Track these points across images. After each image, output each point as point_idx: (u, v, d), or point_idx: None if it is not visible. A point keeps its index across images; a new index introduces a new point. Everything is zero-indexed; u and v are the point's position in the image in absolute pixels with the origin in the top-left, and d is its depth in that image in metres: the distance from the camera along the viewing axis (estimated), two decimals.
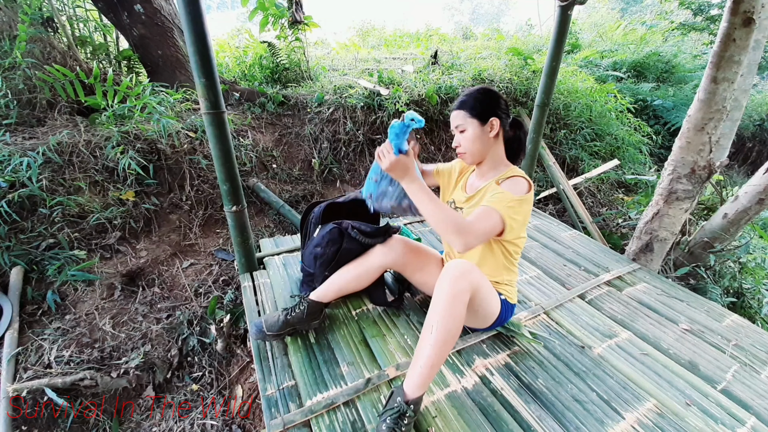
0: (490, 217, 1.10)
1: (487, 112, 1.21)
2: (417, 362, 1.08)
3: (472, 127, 1.22)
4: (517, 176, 1.22)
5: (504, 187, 1.19)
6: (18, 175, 1.90)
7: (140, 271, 2.07)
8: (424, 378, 1.07)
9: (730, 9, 1.77)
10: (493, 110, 1.22)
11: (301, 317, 1.39)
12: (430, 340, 1.05)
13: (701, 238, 2.42)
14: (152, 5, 2.82)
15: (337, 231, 1.47)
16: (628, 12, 10.47)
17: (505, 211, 1.10)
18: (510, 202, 1.12)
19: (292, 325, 1.39)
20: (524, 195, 1.15)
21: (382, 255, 1.44)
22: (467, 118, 1.22)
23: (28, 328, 1.70)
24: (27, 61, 2.25)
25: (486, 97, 1.23)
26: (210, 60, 1.32)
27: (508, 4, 26.53)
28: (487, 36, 6.72)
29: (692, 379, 1.36)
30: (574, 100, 4.00)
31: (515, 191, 1.15)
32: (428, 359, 1.05)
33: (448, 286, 1.07)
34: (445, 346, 1.05)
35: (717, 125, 1.92)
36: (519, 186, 1.18)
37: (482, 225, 1.09)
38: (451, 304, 1.05)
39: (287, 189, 2.86)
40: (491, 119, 1.21)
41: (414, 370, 1.08)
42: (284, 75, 3.75)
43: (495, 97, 1.24)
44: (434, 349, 1.04)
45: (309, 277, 1.60)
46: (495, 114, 1.22)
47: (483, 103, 1.22)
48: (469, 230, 1.06)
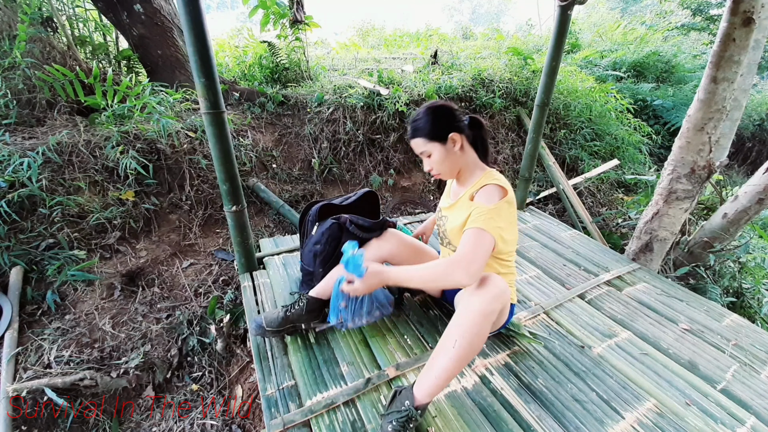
0: (479, 238, 1.07)
1: (443, 130, 1.19)
2: (432, 370, 1.06)
3: (436, 150, 1.21)
4: (489, 184, 1.19)
5: (478, 200, 1.17)
6: (18, 175, 1.89)
7: (140, 271, 2.07)
8: (437, 387, 1.05)
9: (730, 9, 1.77)
10: (449, 126, 1.20)
11: (301, 314, 1.40)
12: (450, 353, 1.03)
13: (701, 237, 2.42)
14: (152, 5, 2.82)
15: (337, 226, 1.49)
16: (628, 12, 10.46)
17: (487, 224, 1.08)
18: (487, 215, 1.09)
19: (291, 322, 1.40)
20: (498, 202, 1.13)
21: (377, 248, 1.47)
22: (427, 143, 1.20)
23: (28, 328, 1.70)
24: (27, 60, 2.24)
25: (437, 117, 1.20)
26: (210, 60, 1.32)
27: (507, 4, 26.52)
28: (486, 36, 6.72)
29: (692, 378, 1.36)
30: (574, 100, 4.00)
31: (489, 201, 1.14)
32: (445, 371, 1.04)
33: (482, 304, 1.04)
34: (465, 361, 1.04)
35: (717, 125, 1.92)
36: (492, 195, 1.15)
37: (475, 249, 1.05)
38: (480, 324, 1.03)
39: (287, 189, 2.86)
40: (450, 135, 1.19)
41: (428, 377, 1.06)
42: (284, 75, 3.74)
43: (446, 113, 1.21)
44: (453, 362, 1.03)
45: (308, 276, 1.60)
46: (452, 129, 1.19)
47: (437, 124, 1.19)
48: (463, 260, 1.04)
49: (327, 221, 1.52)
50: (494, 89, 3.76)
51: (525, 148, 2.58)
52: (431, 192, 3.34)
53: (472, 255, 1.04)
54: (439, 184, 3.36)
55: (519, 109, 3.89)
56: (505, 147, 3.72)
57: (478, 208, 1.12)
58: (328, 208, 1.63)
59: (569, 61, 5.07)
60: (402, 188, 3.27)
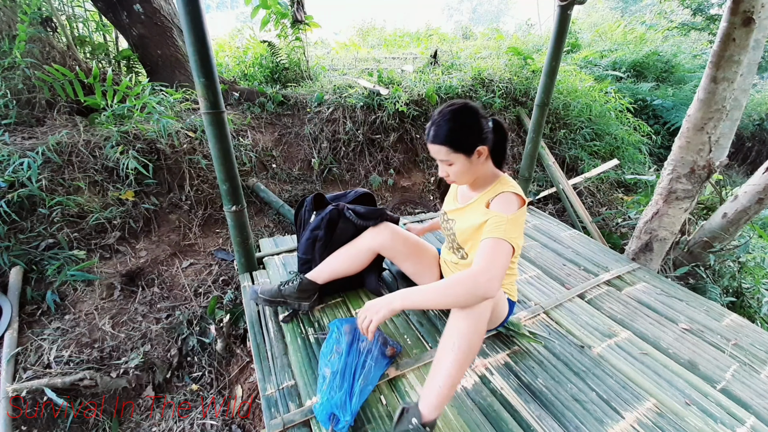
0: (499, 248, 1.01)
1: (471, 142, 1.10)
2: (435, 381, 1.00)
3: (459, 162, 1.13)
4: (506, 192, 1.14)
5: (495, 207, 1.11)
6: (17, 175, 1.89)
7: (140, 271, 2.07)
8: (443, 398, 1.00)
9: (730, 8, 1.77)
10: (478, 137, 1.10)
11: (293, 291, 1.46)
12: (450, 357, 0.98)
13: (701, 237, 2.42)
14: (151, 5, 2.82)
15: (336, 212, 1.51)
16: (628, 12, 10.47)
17: (507, 234, 1.02)
18: (507, 224, 1.04)
19: (283, 297, 1.46)
20: (517, 212, 1.09)
21: (371, 238, 1.48)
22: (451, 153, 1.12)
23: (28, 328, 1.70)
24: (26, 60, 2.24)
25: (465, 125, 1.09)
26: (209, 60, 1.32)
27: (507, 4, 26.53)
28: (486, 36, 6.72)
29: (692, 378, 1.36)
30: (574, 100, 4.01)
31: (508, 210, 1.08)
32: (449, 378, 0.98)
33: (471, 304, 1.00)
34: (467, 363, 1.00)
35: (716, 125, 1.92)
36: (510, 204, 1.10)
37: (495, 260, 0.99)
38: (475, 322, 1.00)
39: (287, 189, 2.86)
40: (478, 148, 1.11)
41: (431, 390, 1.01)
42: (284, 75, 3.75)
43: (475, 121, 1.10)
44: (455, 367, 0.98)
45: (306, 265, 1.61)
46: (480, 141, 1.11)
47: (464, 134, 1.09)
48: (486, 272, 0.97)
49: (326, 208, 1.54)
50: (494, 89, 3.76)
51: (525, 148, 2.58)
52: (431, 192, 3.34)
53: (492, 266, 0.98)
54: (439, 184, 3.35)
55: (519, 109, 3.89)
56: None
57: (496, 217, 1.06)
58: (322, 197, 1.65)
59: (569, 61, 5.07)
60: (402, 188, 3.27)
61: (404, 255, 1.51)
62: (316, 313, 1.57)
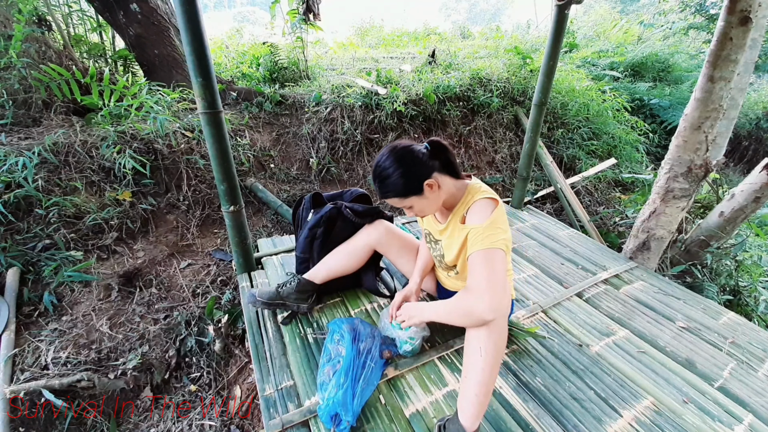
0: (490, 258, 0.99)
1: (415, 182, 1.08)
2: (470, 391, 0.99)
3: (415, 203, 1.13)
4: (476, 201, 1.11)
5: (471, 220, 1.09)
6: (14, 176, 1.88)
7: (137, 271, 2.06)
8: (481, 406, 0.99)
9: (727, 8, 1.77)
10: (420, 174, 1.08)
11: (291, 292, 1.46)
12: (480, 363, 0.98)
13: (698, 236, 2.42)
14: (148, 4, 2.81)
15: (335, 210, 1.53)
16: (626, 11, 10.49)
17: (490, 242, 1.01)
18: (485, 233, 1.02)
19: (281, 299, 1.46)
20: (492, 215, 1.06)
21: (367, 234, 1.51)
22: (403, 200, 1.12)
23: (25, 329, 1.69)
24: (22, 60, 2.23)
25: (404, 171, 1.07)
26: (207, 59, 1.31)
27: (505, 3, 26.55)
28: (484, 35, 6.72)
29: (689, 376, 1.36)
30: (572, 99, 4.01)
31: (482, 218, 1.06)
32: (483, 386, 0.98)
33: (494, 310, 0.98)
34: (497, 365, 0.99)
35: (713, 124, 1.93)
36: (483, 211, 1.08)
37: (489, 273, 0.98)
38: (497, 322, 0.98)
39: (285, 189, 2.85)
40: (426, 183, 1.08)
41: (468, 401, 1.00)
42: (282, 74, 3.73)
43: (410, 160, 1.07)
44: (486, 372, 0.97)
45: (304, 264, 1.61)
46: (424, 176, 1.08)
47: (407, 179, 1.07)
48: (486, 288, 0.96)
49: (325, 207, 1.55)
50: (492, 89, 3.77)
51: (523, 148, 2.58)
52: None
53: (492, 281, 0.97)
54: None
55: (517, 109, 3.90)
56: (503, 146, 3.72)
57: (473, 230, 1.04)
58: (320, 196, 1.66)
59: (567, 61, 5.08)
60: None
61: (399, 251, 1.53)
62: (315, 313, 1.57)
